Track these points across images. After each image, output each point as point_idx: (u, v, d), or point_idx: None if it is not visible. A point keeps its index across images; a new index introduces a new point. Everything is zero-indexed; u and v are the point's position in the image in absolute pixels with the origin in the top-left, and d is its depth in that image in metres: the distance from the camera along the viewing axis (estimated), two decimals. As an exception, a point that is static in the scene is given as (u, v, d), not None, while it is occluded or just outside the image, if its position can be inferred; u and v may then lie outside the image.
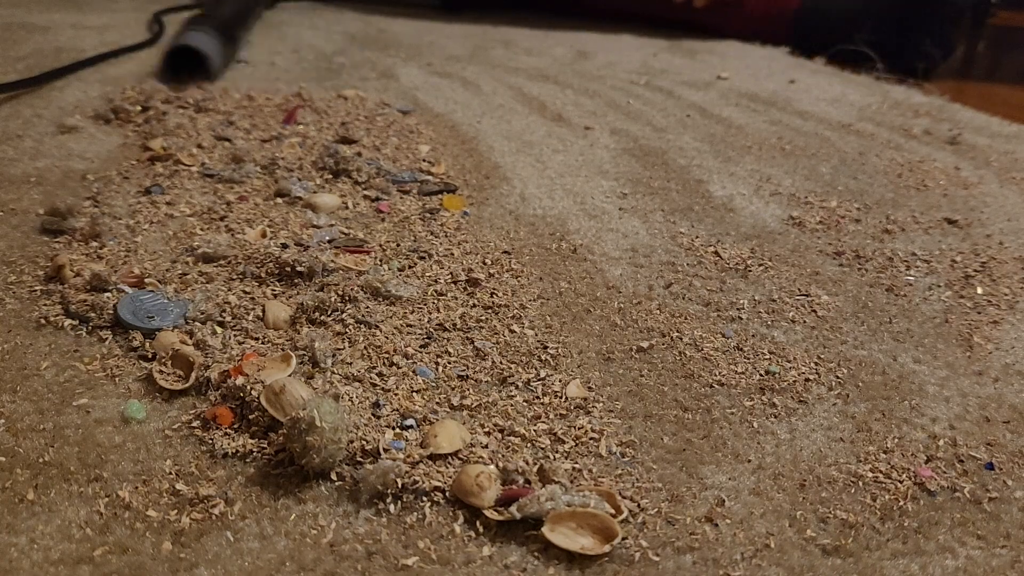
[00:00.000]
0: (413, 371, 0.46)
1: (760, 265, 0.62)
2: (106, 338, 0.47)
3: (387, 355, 0.47)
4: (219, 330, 0.48)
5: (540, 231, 0.65)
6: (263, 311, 0.50)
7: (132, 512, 0.36)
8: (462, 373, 0.46)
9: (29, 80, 0.89)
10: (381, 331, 0.49)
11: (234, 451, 0.39)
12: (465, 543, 0.36)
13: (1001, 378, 0.50)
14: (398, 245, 0.60)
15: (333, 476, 0.38)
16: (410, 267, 0.57)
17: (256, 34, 1.29)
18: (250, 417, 0.41)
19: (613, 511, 0.37)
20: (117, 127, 0.80)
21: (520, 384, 0.46)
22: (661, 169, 0.81)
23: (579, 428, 0.43)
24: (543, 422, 0.43)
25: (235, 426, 0.41)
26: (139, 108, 0.84)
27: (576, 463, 0.40)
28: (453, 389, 0.45)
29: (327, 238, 0.60)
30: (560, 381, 0.46)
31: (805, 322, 0.55)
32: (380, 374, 0.45)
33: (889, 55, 1.28)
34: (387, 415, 0.42)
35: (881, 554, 0.37)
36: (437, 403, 0.44)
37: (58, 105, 0.85)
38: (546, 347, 0.50)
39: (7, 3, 1.35)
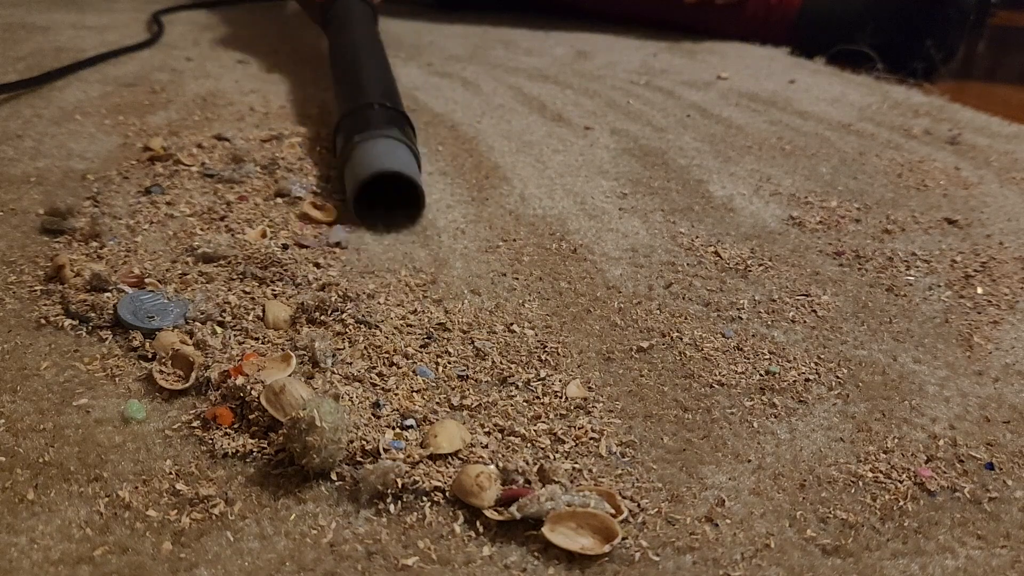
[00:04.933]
0: (413, 371, 0.46)
1: (760, 265, 0.62)
2: (106, 338, 0.47)
3: (387, 355, 0.47)
4: (219, 330, 0.48)
5: (540, 231, 0.65)
6: (263, 311, 0.50)
7: (132, 512, 0.36)
8: (462, 373, 0.46)
9: (29, 80, 0.89)
10: (381, 331, 0.49)
11: (234, 451, 0.39)
12: (465, 543, 0.36)
13: (1001, 378, 0.50)
14: (398, 245, 0.60)
15: (333, 476, 0.38)
16: (410, 267, 0.57)
17: (256, 33, 1.29)
18: (250, 417, 0.41)
19: (613, 511, 0.37)
20: (115, 126, 0.80)
21: (520, 384, 0.46)
22: (661, 169, 0.81)
23: (579, 428, 0.43)
24: (543, 422, 0.43)
25: (235, 426, 0.41)
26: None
27: (576, 463, 0.40)
28: (453, 389, 0.45)
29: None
30: (560, 381, 0.46)
31: (805, 322, 0.55)
32: (380, 374, 0.45)
33: (891, 57, 1.28)
34: (387, 415, 0.42)
35: (881, 554, 0.37)
36: (437, 403, 0.44)
37: (58, 105, 0.85)
38: (546, 347, 0.50)
39: (7, 3, 1.35)
